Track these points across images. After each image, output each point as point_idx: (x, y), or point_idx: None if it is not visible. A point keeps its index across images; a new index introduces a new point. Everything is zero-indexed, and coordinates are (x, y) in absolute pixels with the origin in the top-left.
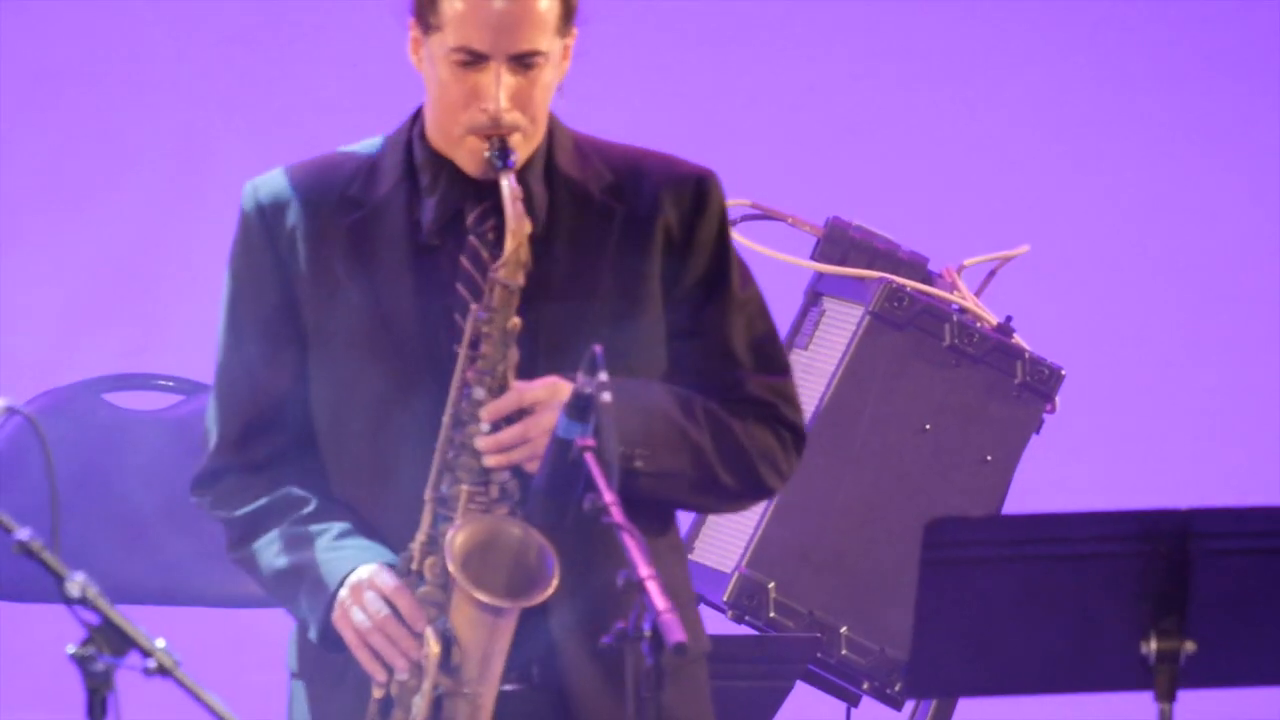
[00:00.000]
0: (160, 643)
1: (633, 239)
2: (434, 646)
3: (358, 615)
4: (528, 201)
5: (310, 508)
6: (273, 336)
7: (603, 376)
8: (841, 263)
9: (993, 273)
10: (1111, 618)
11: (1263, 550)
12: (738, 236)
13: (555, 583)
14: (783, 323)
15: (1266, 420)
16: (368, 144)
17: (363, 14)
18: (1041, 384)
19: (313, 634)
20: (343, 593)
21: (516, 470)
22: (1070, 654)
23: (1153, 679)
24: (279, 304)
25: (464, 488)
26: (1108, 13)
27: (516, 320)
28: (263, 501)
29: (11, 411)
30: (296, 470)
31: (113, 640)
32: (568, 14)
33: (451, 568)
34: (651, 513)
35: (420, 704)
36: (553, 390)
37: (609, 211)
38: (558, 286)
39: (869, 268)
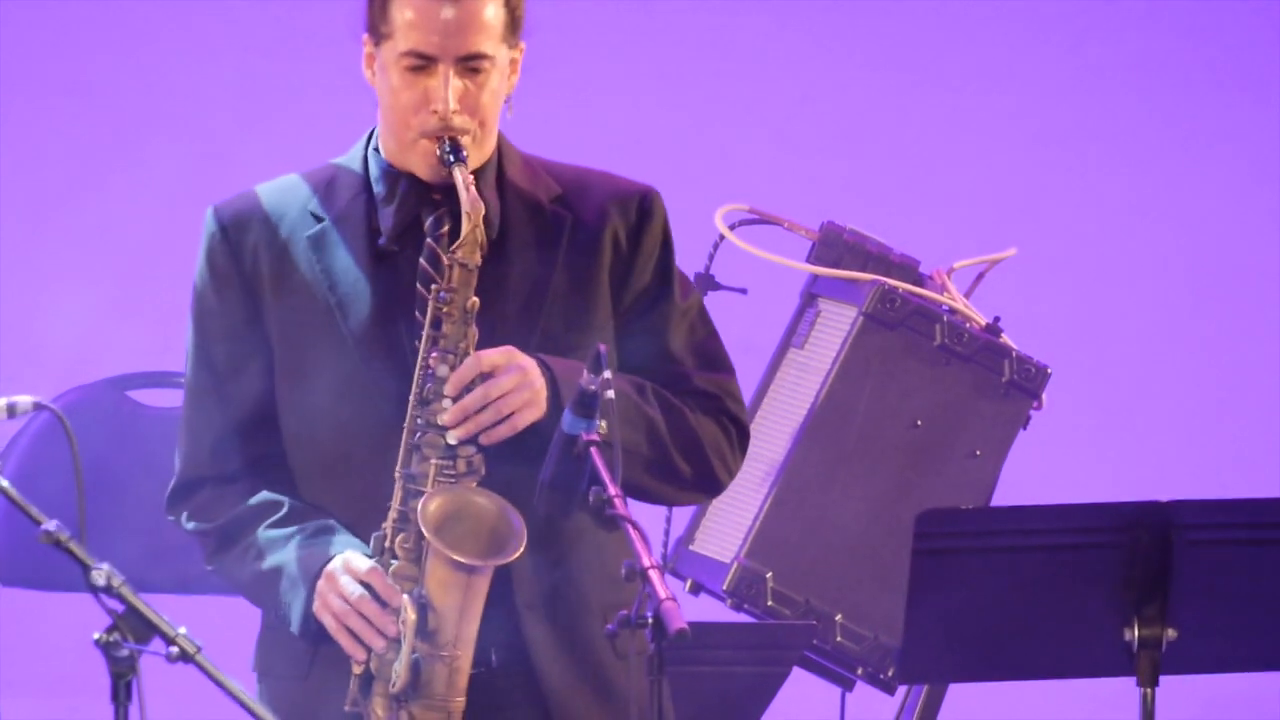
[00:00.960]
0: (183, 630)
1: (582, 245)
2: (410, 613)
3: (335, 601)
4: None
5: (284, 511)
6: (239, 349)
7: (607, 374)
8: (836, 265)
9: (981, 275)
10: (1096, 606)
11: (1242, 541)
12: (736, 240)
13: (524, 544)
14: (779, 323)
15: (1247, 415)
16: (321, 169)
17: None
18: (1028, 382)
19: (295, 627)
20: (320, 583)
21: (480, 447)
22: (1056, 641)
23: (1135, 665)
24: (244, 317)
25: (433, 462)
26: (1093, 18)
27: (475, 300)
28: (238, 510)
29: (39, 407)
30: (269, 478)
31: (137, 627)
32: (514, 24)
33: (425, 530)
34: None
35: (400, 670)
36: (509, 355)
37: (559, 219)
38: (513, 290)
39: (862, 270)
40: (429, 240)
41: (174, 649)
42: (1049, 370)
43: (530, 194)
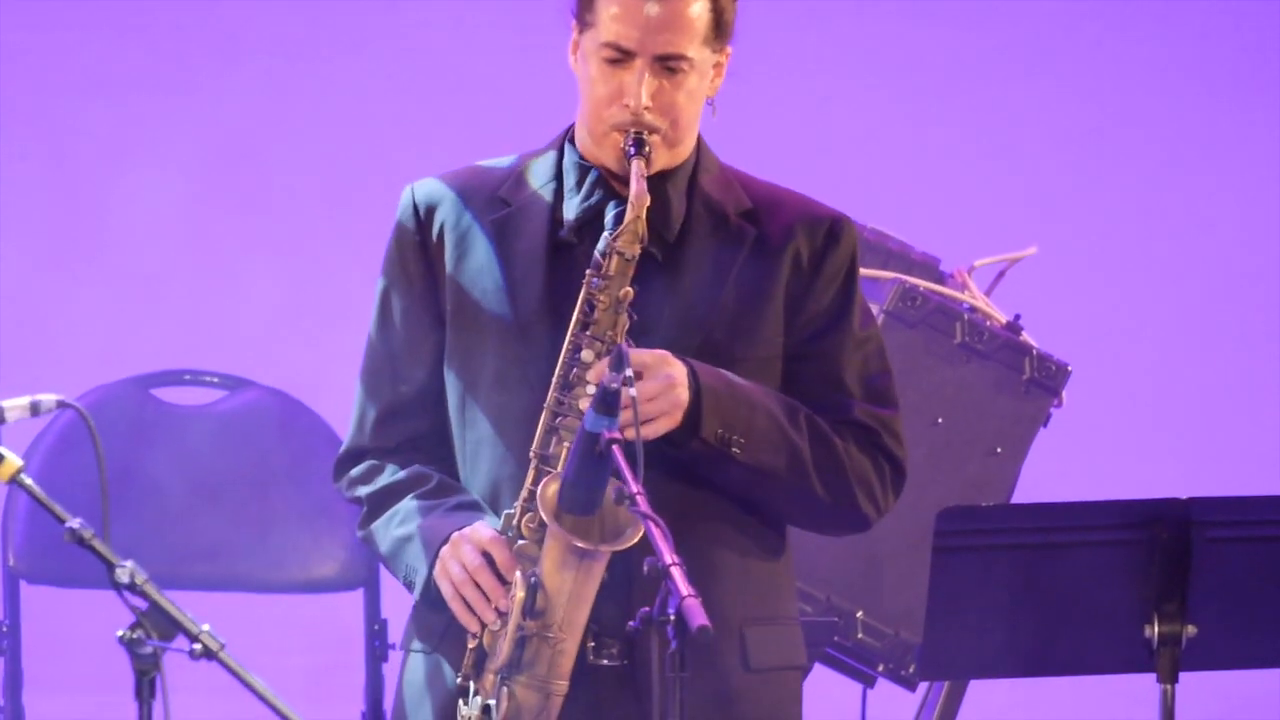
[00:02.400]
0: (206, 627)
1: (761, 261)
2: (520, 591)
3: (454, 568)
4: (665, 210)
5: (433, 484)
6: (416, 327)
7: (629, 372)
8: None
9: (1002, 273)
10: (1116, 603)
11: (1261, 538)
12: None
13: (640, 532)
14: None
15: (1267, 413)
16: (510, 159)
17: (395, 19)
18: (1049, 379)
19: (416, 593)
20: (444, 549)
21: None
22: (1076, 637)
23: (1155, 662)
24: (424, 296)
25: (566, 446)
26: (1114, 19)
27: (629, 289)
28: (391, 480)
29: (63, 405)
30: (428, 455)
31: (160, 624)
32: (720, 27)
33: (543, 512)
34: (762, 534)
35: (504, 646)
36: (660, 360)
37: (742, 233)
38: (682, 295)
39: (883, 269)
40: (606, 234)
41: (197, 646)
42: (1069, 368)
43: (718, 204)
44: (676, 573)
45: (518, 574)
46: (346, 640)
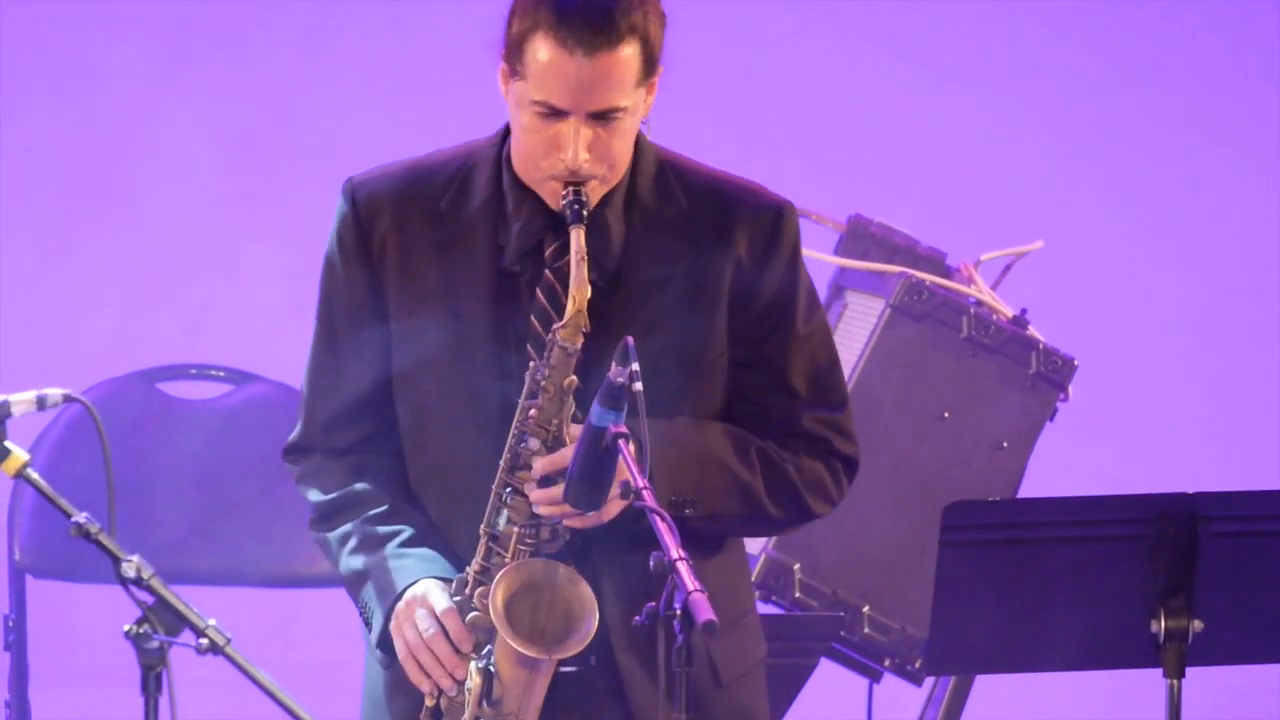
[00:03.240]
0: (212, 621)
1: (704, 268)
2: (476, 679)
3: (409, 631)
4: (605, 237)
5: (383, 508)
6: (362, 331)
7: (635, 366)
8: (863, 258)
9: (1008, 267)
10: (1122, 598)
11: (1268, 533)
12: None
13: (594, 630)
14: None
15: (1273, 408)
16: (459, 154)
17: (410, 18)
18: (1055, 374)
19: (372, 638)
20: (399, 606)
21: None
22: (1082, 632)
23: (1161, 657)
24: (369, 301)
25: (515, 529)
26: (1120, 11)
27: (573, 379)
28: (341, 493)
29: (70, 400)
30: (377, 459)
31: (166, 619)
32: (649, 64)
33: (494, 619)
34: (715, 542)
35: None
36: None
37: (681, 246)
38: (626, 318)
39: (889, 263)
40: (548, 271)
41: (204, 641)
42: (1076, 362)
43: (656, 216)
44: (683, 567)
45: (473, 665)
46: (352, 635)
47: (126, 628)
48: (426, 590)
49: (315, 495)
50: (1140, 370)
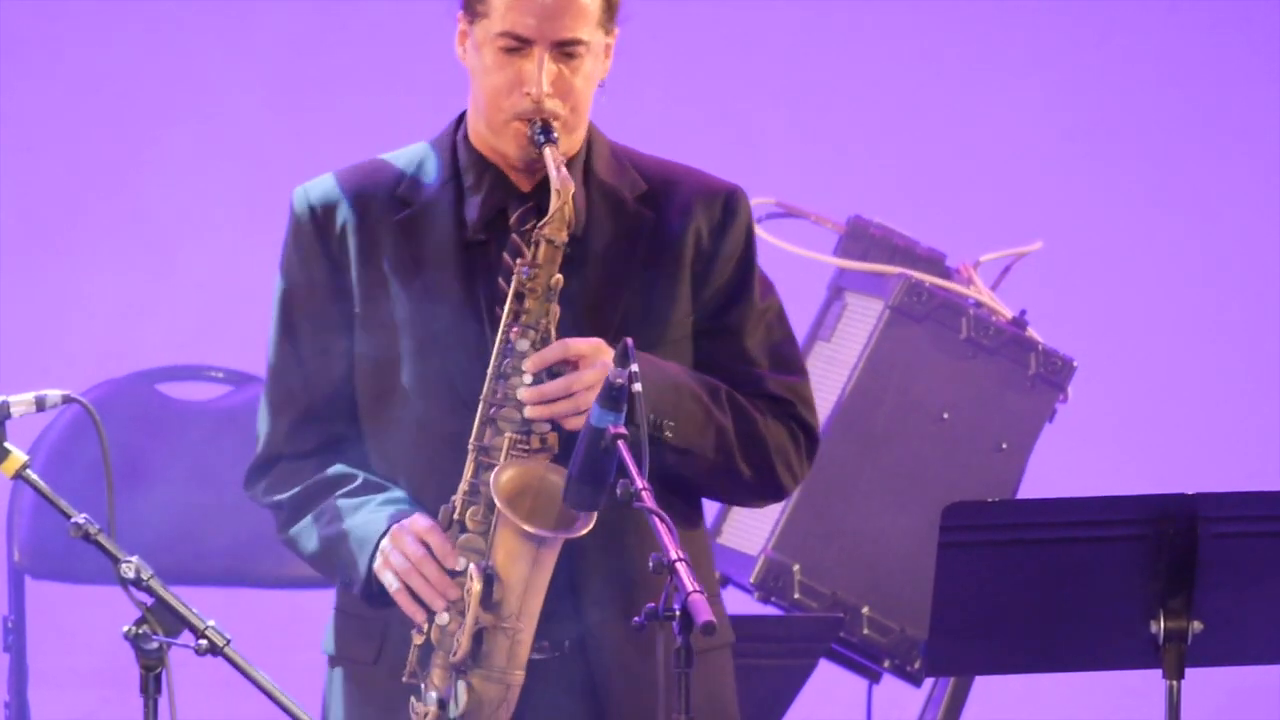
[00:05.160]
0: (211, 622)
1: (664, 244)
2: (476, 583)
3: (396, 559)
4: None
5: (357, 482)
6: (324, 330)
7: (635, 368)
8: (862, 259)
9: (1008, 268)
10: (1122, 598)
11: (1268, 533)
12: (763, 234)
13: (594, 519)
14: (806, 316)
15: (1273, 408)
16: (410, 150)
17: (413, 19)
18: (1054, 375)
19: (356, 588)
20: (384, 541)
21: (556, 424)
22: (1082, 633)
23: (1161, 657)
24: (330, 299)
25: (507, 436)
26: (1119, 13)
27: (559, 276)
28: (313, 480)
29: (69, 400)
30: (347, 455)
31: (165, 620)
32: (610, 8)
33: (497, 500)
34: (682, 508)
35: (462, 639)
36: (597, 348)
37: (641, 218)
38: (591, 286)
39: (889, 263)
40: (513, 235)
41: (203, 641)
42: (1075, 363)
43: (615, 190)
44: (682, 568)
45: (471, 566)
46: None
47: (126, 629)
48: (411, 519)
49: (282, 495)
50: (1140, 371)
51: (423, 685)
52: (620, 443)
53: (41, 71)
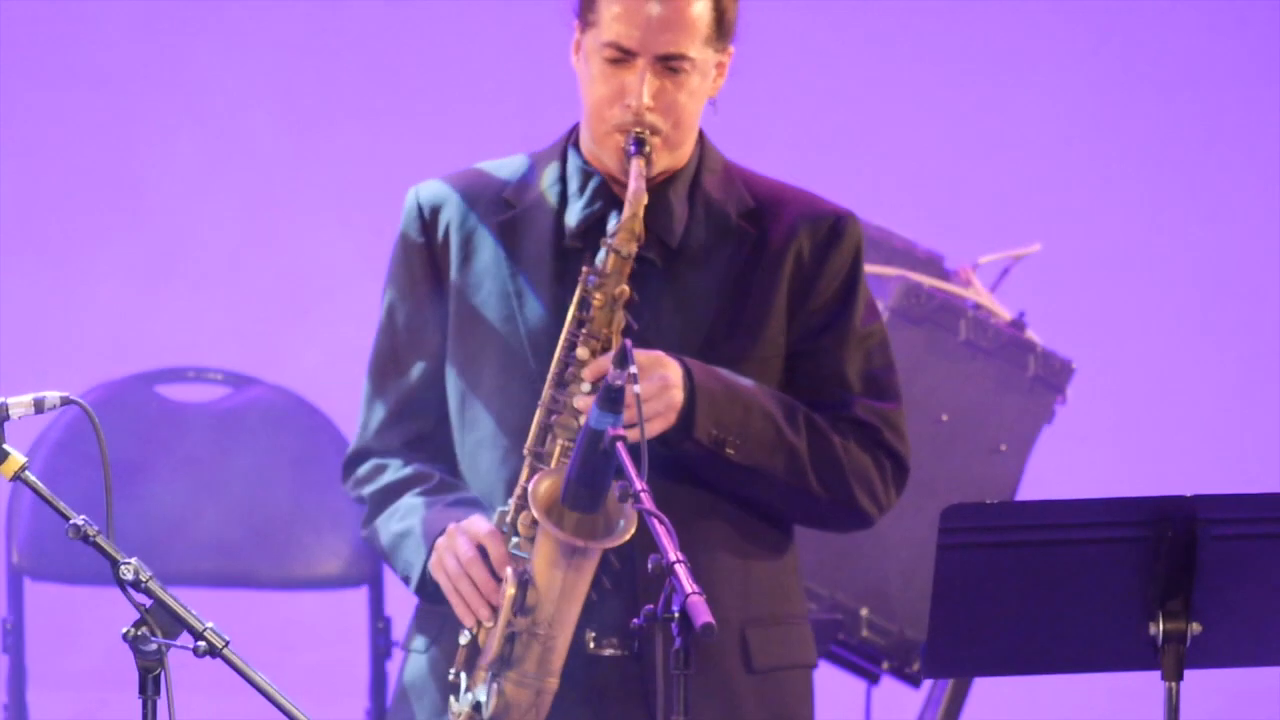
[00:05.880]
0: (210, 624)
1: (764, 262)
2: (511, 587)
3: (449, 560)
4: (668, 216)
5: (434, 481)
6: (420, 331)
7: (633, 369)
8: None
9: (1006, 270)
10: (1121, 600)
11: (1267, 535)
12: None
13: (633, 529)
14: None
15: (1272, 410)
16: (512, 160)
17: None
18: (1053, 377)
19: (413, 585)
20: (440, 540)
21: None
22: (1081, 635)
23: (1160, 659)
24: (428, 300)
25: (560, 443)
26: (1118, 14)
27: (625, 288)
28: (394, 476)
29: (68, 402)
30: (431, 455)
31: (164, 622)
32: (722, 26)
33: (534, 508)
34: (769, 535)
35: (493, 643)
36: (656, 360)
37: (743, 234)
38: (684, 299)
39: (887, 265)
40: (603, 240)
41: (202, 643)
42: (1073, 365)
43: (720, 205)
44: (681, 570)
45: (509, 570)
46: (350, 637)
47: (124, 630)
48: (470, 520)
49: (368, 490)
50: (1139, 372)
51: (464, 683)
52: (619, 444)
53: (41, 72)
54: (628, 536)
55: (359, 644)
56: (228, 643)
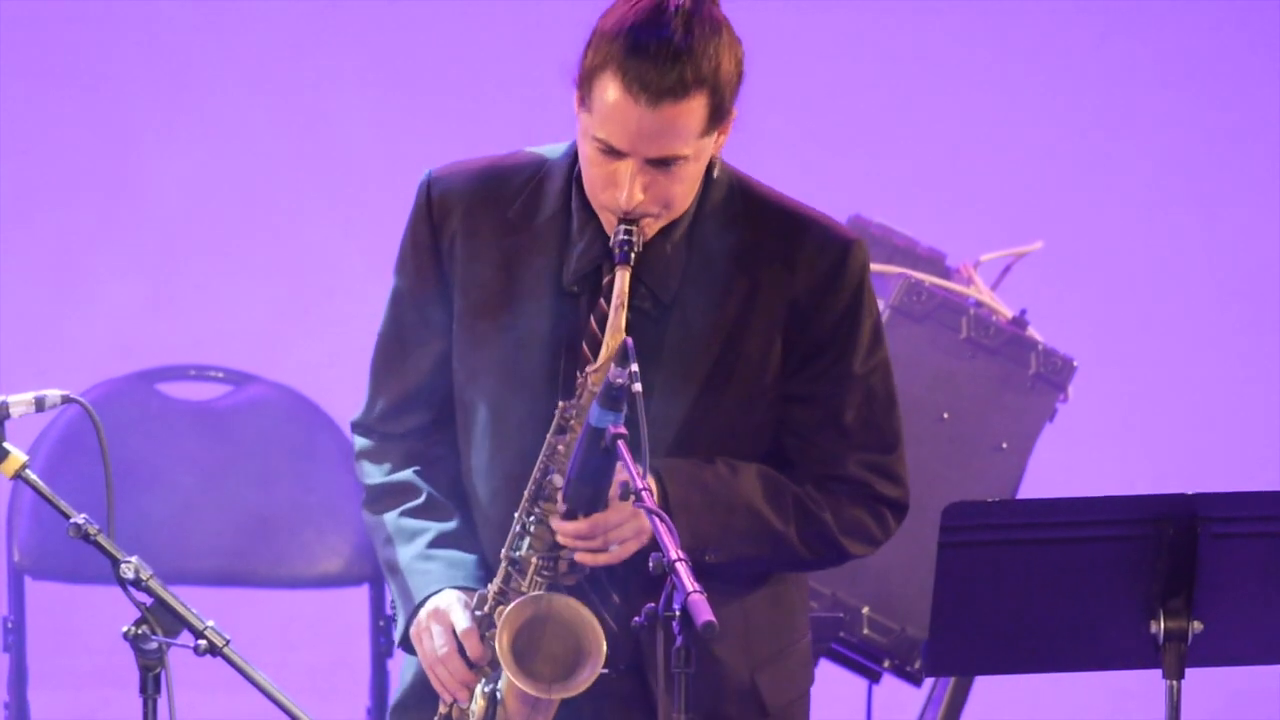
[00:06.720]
0: (211, 623)
1: (759, 305)
2: (480, 703)
3: (427, 643)
4: (664, 269)
5: (419, 500)
6: (425, 326)
7: (634, 367)
8: None
9: (1008, 268)
10: (1122, 599)
11: (1268, 533)
12: None
13: (601, 665)
14: None
15: (1273, 408)
16: (539, 158)
17: (413, 21)
18: (1054, 374)
19: (397, 636)
20: (421, 615)
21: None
22: (1082, 633)
23: (1161, 658)
24: (434, 293)
25: (534, 559)
26: (1119, 13)
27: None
28: (386, 480)
29: (68, 401)
30: (431, 449)
31: (165, 620)
32: (717, 113)
33: (500, 657)
34: (763, 576)
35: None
36: (627, 519)
37: (741, 279)
38: (674, 347)
39: (889, 263)
40: (602, 300)
41: (202, 642)
42: (1075, 363)
43: (716, 249)
44: (682, 568)
45: (479, 688)
46: (351, 636)
47: (125, 629)
48: (448, 605)
49: (367, 476)
50: (1140, 371)
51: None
52: (620, 443)
53: (41, 72)
54: (594, 678)
55: (360, 643)
56: (228, 641)
